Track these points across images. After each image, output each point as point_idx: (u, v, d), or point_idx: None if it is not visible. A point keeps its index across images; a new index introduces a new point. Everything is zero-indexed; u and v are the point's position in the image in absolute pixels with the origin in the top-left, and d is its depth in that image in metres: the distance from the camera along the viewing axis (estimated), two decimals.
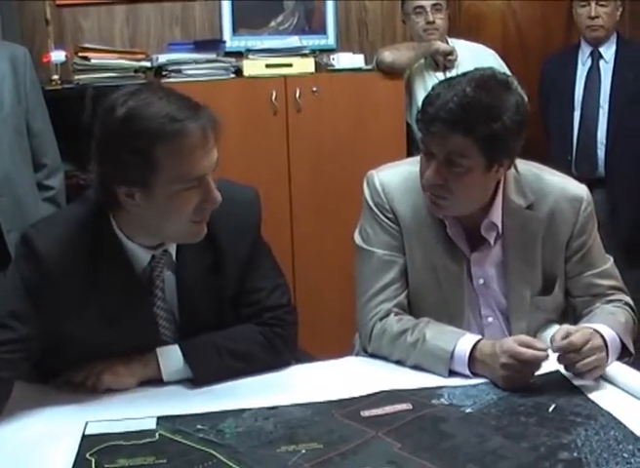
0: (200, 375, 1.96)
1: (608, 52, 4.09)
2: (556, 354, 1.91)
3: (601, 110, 4.04)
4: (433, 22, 3.98)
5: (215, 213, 1.89)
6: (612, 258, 2.24)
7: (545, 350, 1.89)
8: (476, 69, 2.05)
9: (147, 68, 3.88)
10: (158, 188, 1.79)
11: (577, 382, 1.91)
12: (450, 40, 4.11)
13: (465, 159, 1.96)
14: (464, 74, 2.01)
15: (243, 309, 2.07)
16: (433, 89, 1.99)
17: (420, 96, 3.92)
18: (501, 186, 2.11)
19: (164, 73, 3.83)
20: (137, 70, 3.83)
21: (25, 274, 1.87)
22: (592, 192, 3.85)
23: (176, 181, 1.79)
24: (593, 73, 4.08)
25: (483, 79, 1.98)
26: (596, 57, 4.09)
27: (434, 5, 3.98)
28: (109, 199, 1.86)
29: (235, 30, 4.36)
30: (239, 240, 2.03)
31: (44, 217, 2.11)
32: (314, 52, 4.11)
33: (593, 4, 3.98)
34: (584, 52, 4.13)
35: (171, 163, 1.77)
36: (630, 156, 3.98)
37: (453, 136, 1.94)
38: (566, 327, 1.96)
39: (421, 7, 3.98)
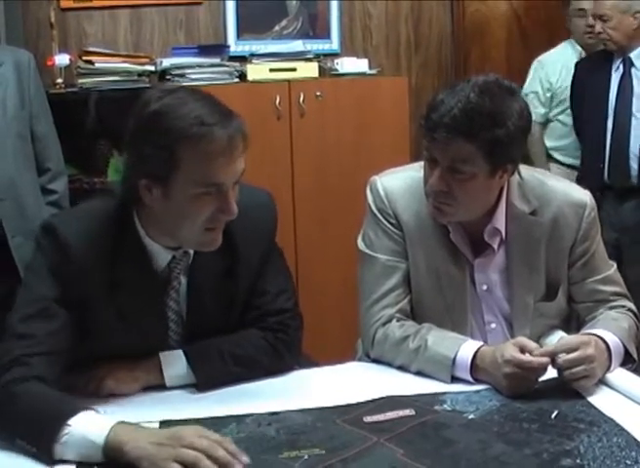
0: (203, 381, 1.96)
1: None
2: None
3: (634, 119, 3.92)
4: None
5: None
6: (615, 264, 2.24)
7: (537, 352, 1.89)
8: (479, 75, 2.05)
9: (151, 72, 3.89)
10: (176, 187, 1.78)
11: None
12: None
13: (469, 165, 1.96)
14: (468, 80, 2.00)
15: (248, 312, 2.07)
16: (437, 95, 1.99)
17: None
18: (505, 192, 2.11)
19: (168, 77, 3.83)
20: (140, 74, 3.83)
21: (54, 259, 1.85)
22: (625, 201, 3.83)
23: (194, 183, 1.78)
24: (625, 81, 3.97)
25: (486, 85, 1.97)
26: (627, 63, 3.99)
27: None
28: (132, 192, 1.85)
29: (239, 35, 4.36)
30: (255, 244, 2.02)
31: (65, 210, 2.08)
32: (318, 56, 4.12)
33: (591, 19, 3.99)
34: (616, 58, 4.02)
35: (192, 164, 1.76)
36: None
37: (456, 143, 1.93)
38: (567, 337, 1.96)
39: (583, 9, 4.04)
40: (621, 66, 4.01)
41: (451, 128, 1.92)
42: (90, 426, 1.63)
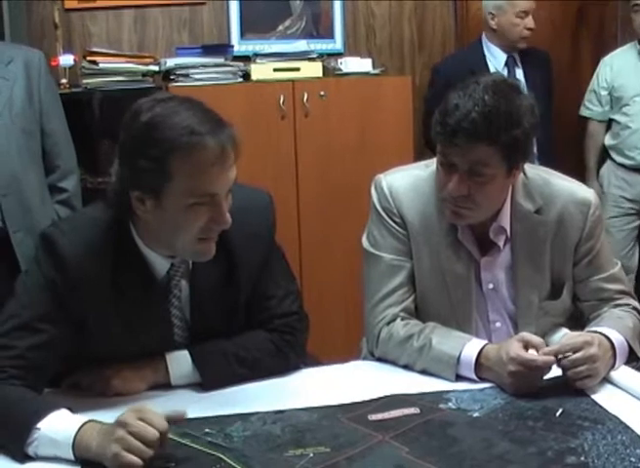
0: (208, 381, 1.97)
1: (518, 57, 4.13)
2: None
3: None
4: None
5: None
6: (619, 263, 2.25)
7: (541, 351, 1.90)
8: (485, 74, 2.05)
9: (155, 72, 3.89)
10: (169, 199, 1.77)
11: None
12: None
13: (489, 168, 1.95)
14: (476, 82, 1.98)
15: (254, 315, 2.07)
16: (448, 100, 1.98)
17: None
18: (510, 190, 2.11)
19: (172, 77, 3.84)
20: (145, 74, 3.83)
21: (49, 275, 1.83)
22: None
23: (187, 194, 1.76)
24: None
25: (496, 85, 1.96)
26: (511, 63, 4.08)
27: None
28: (124, 204, 1.84)
29: (243, 34, 4.36)
30: (253, 248, 2.01)
31: (64, 218, 2.07)
32: (322, 56, 4.12)
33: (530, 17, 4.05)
34: (497, 58, 4.12)
35: (185, 175, 1.74)
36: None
37: (477, 147, 1.92)
38: (571, 334, 1.96)
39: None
40: (505, 68, 4.07)
41: (471, 132, 1.91)
42: (58, 428, 1.65)
